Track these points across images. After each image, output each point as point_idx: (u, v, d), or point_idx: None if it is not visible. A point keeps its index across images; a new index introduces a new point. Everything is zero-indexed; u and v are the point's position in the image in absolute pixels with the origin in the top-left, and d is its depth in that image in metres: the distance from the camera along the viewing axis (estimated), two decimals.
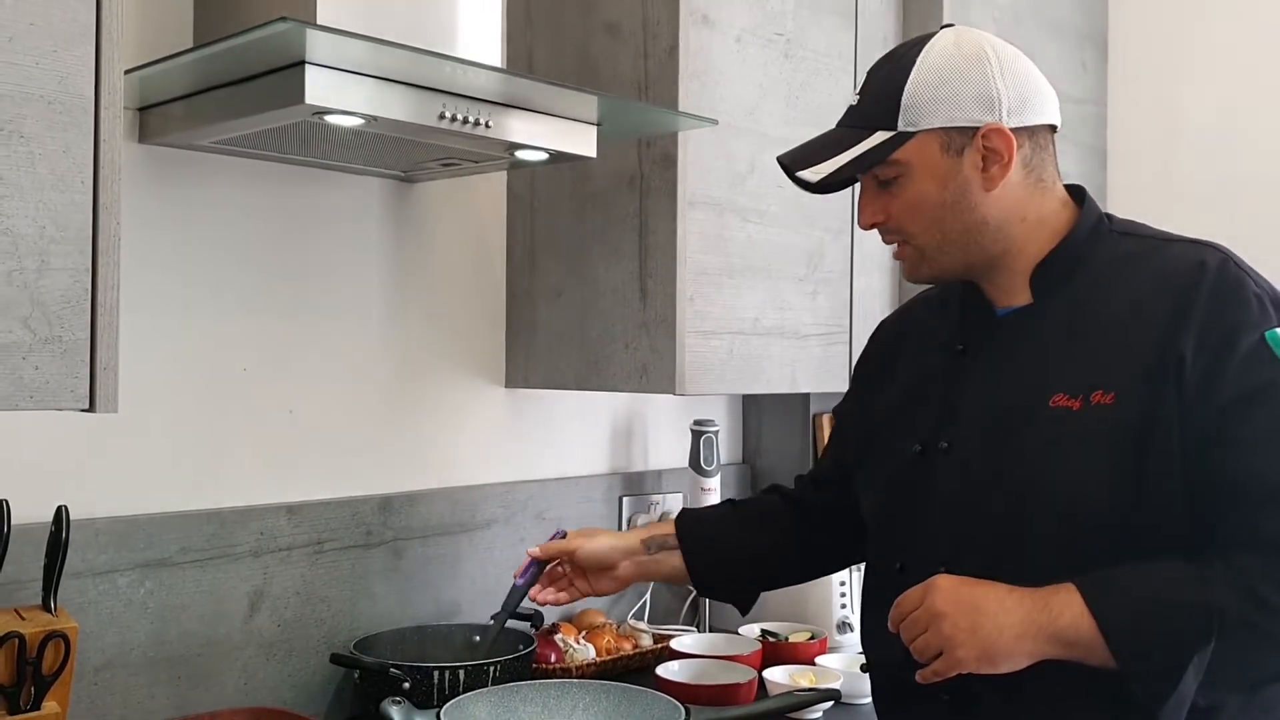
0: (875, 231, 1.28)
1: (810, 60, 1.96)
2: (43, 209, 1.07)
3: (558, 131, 1.54)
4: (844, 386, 2.07)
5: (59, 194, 1.08)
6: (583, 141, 1.57)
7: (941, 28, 1.24)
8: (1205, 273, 1.15)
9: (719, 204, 1.81)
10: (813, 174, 1.22)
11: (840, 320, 2.05)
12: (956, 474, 1.23)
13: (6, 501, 1.32)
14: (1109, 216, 1.28)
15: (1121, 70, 2.69)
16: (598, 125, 1.59)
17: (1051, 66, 2.63)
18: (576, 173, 1.86)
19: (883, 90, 1.20)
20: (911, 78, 1.19)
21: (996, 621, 1.10)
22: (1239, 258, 1.19)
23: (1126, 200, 2.62)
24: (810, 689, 1.70)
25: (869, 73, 1.25)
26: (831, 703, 1.69)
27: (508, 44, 1.93)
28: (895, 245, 1.27)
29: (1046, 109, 1.23)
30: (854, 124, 1.22)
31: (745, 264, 1.86)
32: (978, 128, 1.18)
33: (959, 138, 1.18)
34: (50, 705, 1.31)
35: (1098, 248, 1.23)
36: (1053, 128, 1.25)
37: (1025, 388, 1.20)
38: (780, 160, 1.26)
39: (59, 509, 1.35)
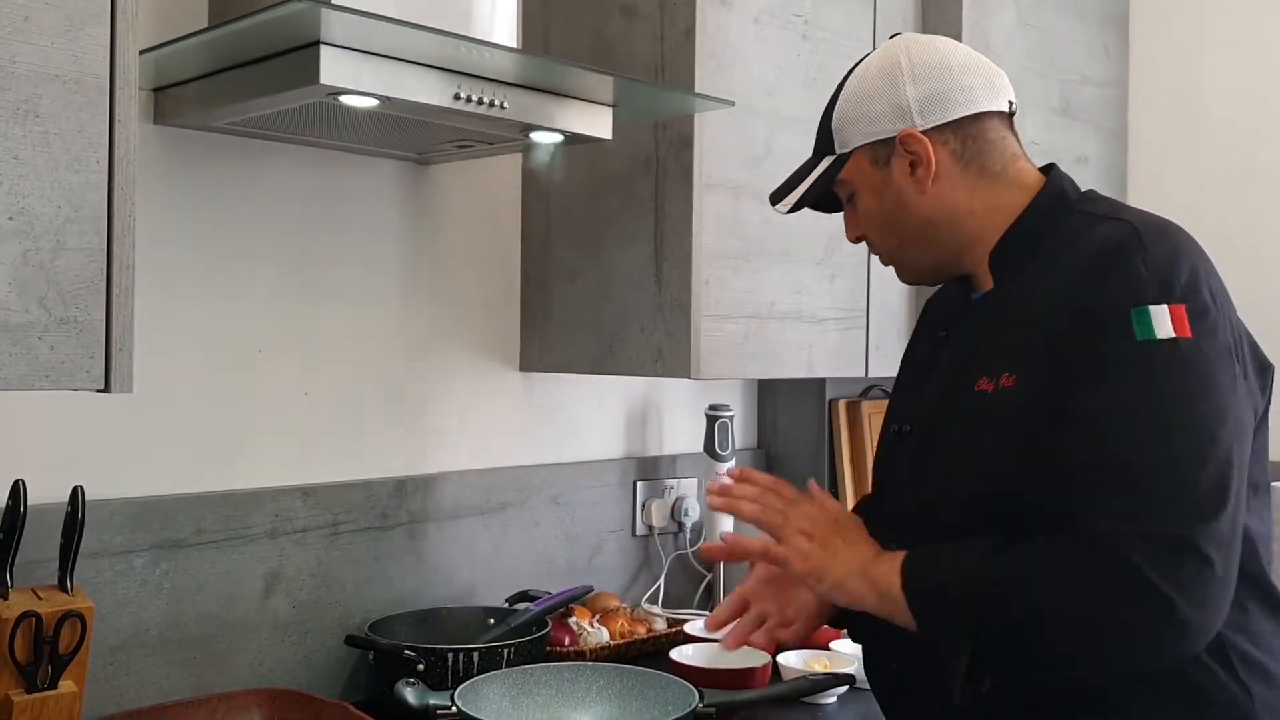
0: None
1: (829, 42, 1.94)
2: (58, 189, 1.07)
3: (573, 113, 1.53)
4: (861, 372, 2.07)
5: (74, 174, 1.08)
6: (598, 123, 1.56)
7: (890, 36, 1.28)
8: (1101, 248, 1.12)
9: (736, 186, 1.80)
10: (784, 205, 1.32)
11: (858, 305, 2.04)
12: (908, 457, 1.27)
13: (23, 482, 1.32)
14: (1087, 194, 1.25)
15: (1143, 53, 2.66)
16: (613, 107, 1.58)
17: (1073, 49, 2.60)
18: (592, 155, 1.85)
19: (824, 117, 1.29)
20: (839, 102, 1.26)
21: (841, 553, 1.17)
22: (1161, 232, 1.12)
23: (1146, 183, 2.60)
24: (824, 673, 1.69)
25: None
26: (846, 687, 1.68)
27: (523, 25, 1.91)
28: (877, 255, 1.33)
29: (975, 98, 1.21)
30: (815, 151, 1.31)
31: (762, 247, 1.85)
32: (894, 137, 1.21)
33: (883, 149, 1.22)
34: (67, 684, 1.32)
35: (1055, 227, 1.20)
36: (999, 114, 1.23)
37: (961, 372, 1.21)
38: (770, 197, 1.35)
39: (75, 489, 1.36)
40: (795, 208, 1.31)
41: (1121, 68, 2.65)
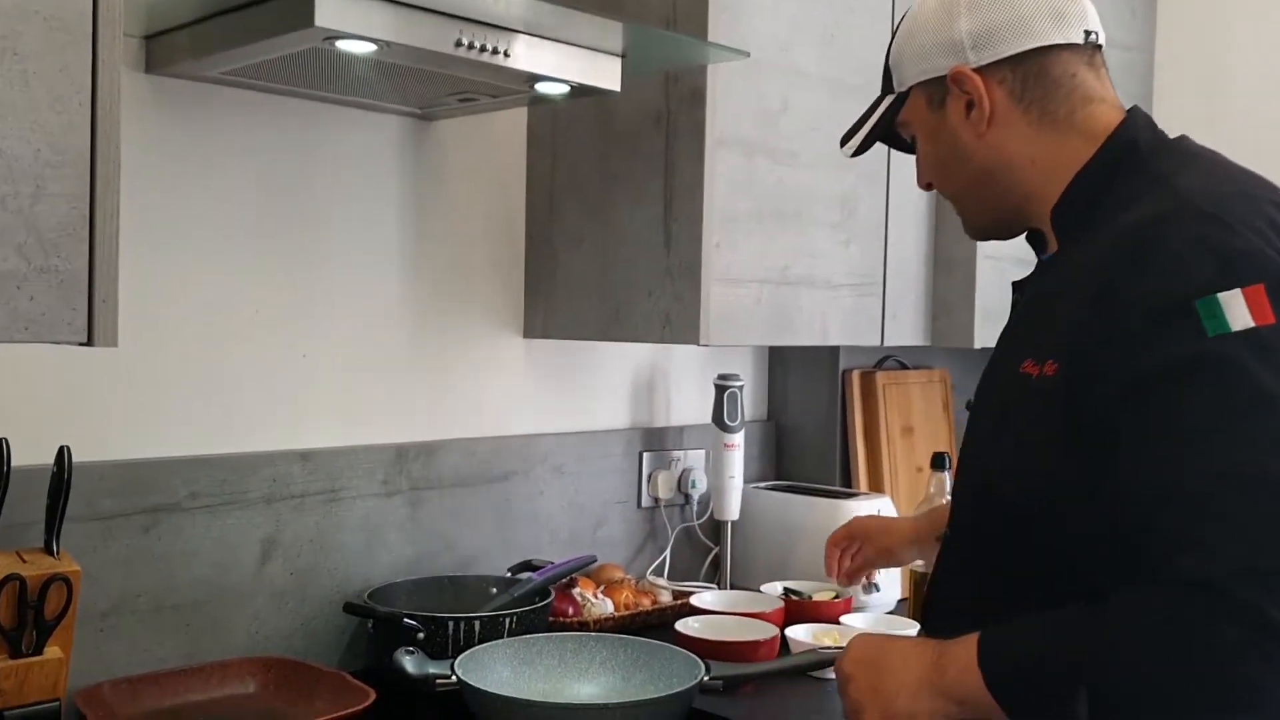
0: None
1: None
2: (38, 131, 1.02)
3: (580, 63, 1.46)
4: (876, 340, 2.01)
5: (55, 115, 1.03)
6: (606, 74, 1.50)
7: None
8: (1141, 225, 0.98)
9: (749, 145, 1.74)
10: (848, 148, 1.26)
11: (874, 271, 1.98)
12: (967, 433, 1.20)
13: (6, 440, 1.28)
14: (1166, 144, 1.10)
15: (1170, 17, 2.58)
16: (622, 57, 1.52)
17: (1099, 6, 2.51)
18: (599, 110, 1.79)
19: (886, 55, 1.21)
20: (896, 36, 1.19)
21: (896, 679, 1.04)
22: (1219, 198, 0.97)
23: None
24: (833, 648, 1.64)
25: None
26: None
27: None
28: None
29: (1035, 30, 1.08)
30: (881, 91, 1.23)
31: (775, 209, 1.79)
32: (946, 75, 1.12)
33: (937, 89, 1.14)
34: (53, 650, 1.27)
35: (1117, 187, 1.06)
36: (1071, 48, 1.09)
37: (1012, 346, 1.11)
38: (840, 141, 1.29)
39: (61, 449, 1.31)
40: (859, 150, 1.23)
41: (1149, 32, 2.57)
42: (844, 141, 1.27)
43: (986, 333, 2.10)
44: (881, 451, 2.34)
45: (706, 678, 1.44)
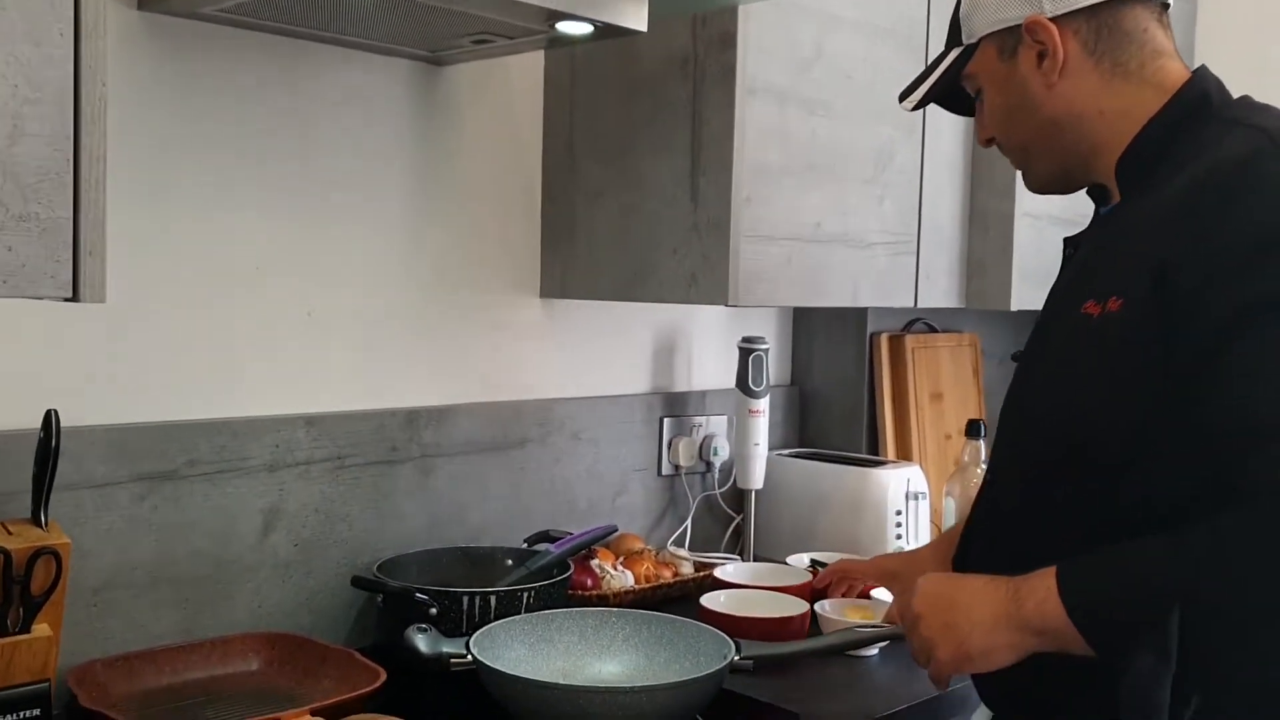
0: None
1: None
2: (13, 63, 0.93)
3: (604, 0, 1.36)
4: (909, 301, 1.92)
5: (33, 46, 0.94)
6: (632, 13, 1.38)
7: None
8: (1224, 163, 0.99)
9: (780, 93, 1.63)
10: (909, 102, 1.25)
11: (908, 229, 1.88)
12: (1014, 381, 1.21)
13: None
14: (1238, 99, 1.12)
15: (1210, 23, 2.47)
16: None
17: None
18: (622, 54, 1.68)
19: (956, 8, 1.21)
20: None
21: (969, 616, 1.05)
22: None
23: None
24: (869, 624, 1.55)
25: None
26: (888, 641, 1.55)
27: None
28: (1008, 158, 1.25)
29: None
30: (946, 44, 1.23)
31: (808, 162, 1.68)
32: (1020, 24, 1.13)
33: (1009, 39, 1.15)
34: (41, 628, 1.19)
35: (1189, 136, 1.08)
36: (1144, 3, 1.11)
37: (1071, 293, 1.12)
38: (899, 96, 1.28)
39: (49, 413, 1.22)
40: (921, 104, 1.24)
41: (1188, 38, 2.46)
42: (904, 96, 1.27)
43: (1024, 294, 2.01)
44: (910, 418, 2.24)
45: (737, 657, 1.36)
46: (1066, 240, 1.23)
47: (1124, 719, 0.96)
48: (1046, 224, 2.04)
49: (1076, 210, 2.05)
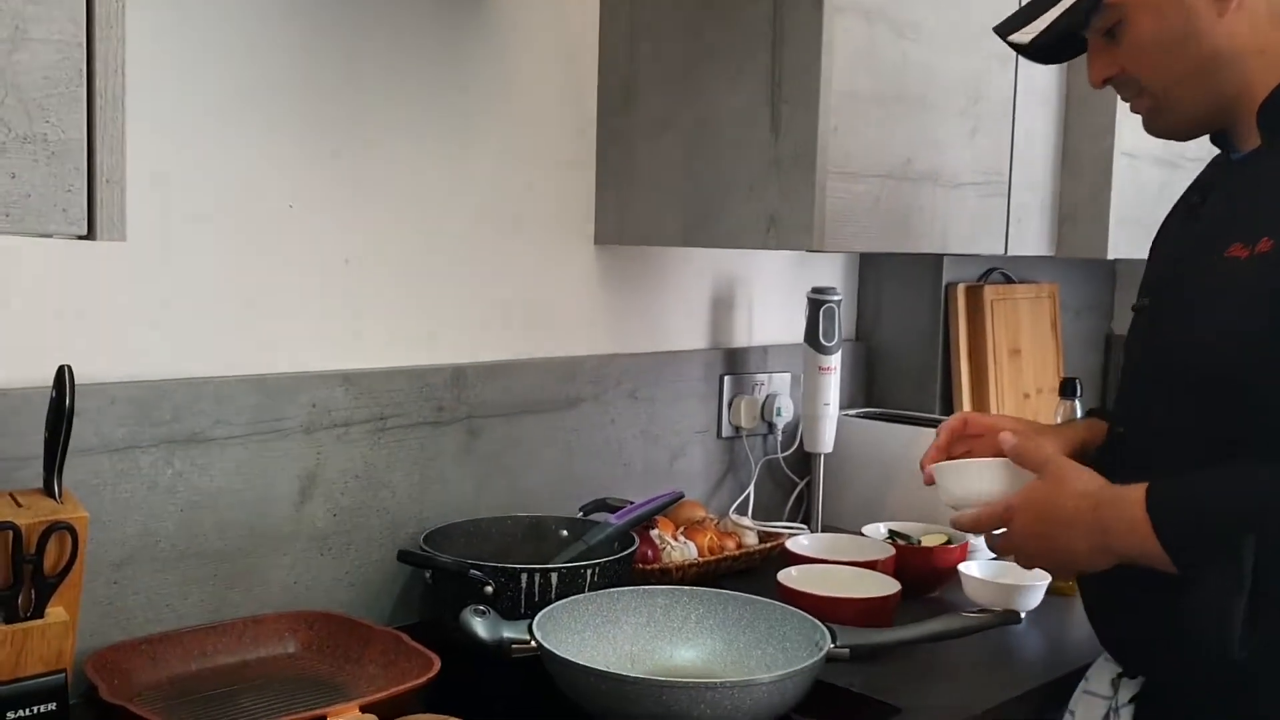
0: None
1: None
2: None
3: None
4: (1000, 248, 1.75)
5: None
6: None
7: None
8: None
9: (868, 12, 1.46)
10: (1023, 34, 1.16)
11: (1000, 166, 1.70)
12: (1144, 332, 1.17)
13: None
14: None
15: None
16: None
17: None
18: None
19: None
20: None
21: (1064, 544, 1.08)
22: None
23: None
24: (983, 610, 1.40)
25: None
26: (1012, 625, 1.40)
27: None
28: (1132, 100, 1.17)
29: None
30: None
31: (898, 91, 1.51)
32: None
33: None
34: (55, 611, 1.05)
35: None
36: None
37: (1211, 238, 1.09)
38: (995, 29, 1.19)
39: (61, 369, 1.07)
40: (1043, 41, 1.15)
41: None
42: (1011, 27, 1.18)
43: (1122, 241, 1.83)
44: (988, 375, 2.08)
45: (832, 645, 1.21)
46: (1190, 188, 1.21)
47: (1194, 639, 1.00)
48: (1146, 163, 1.86)
49: (1175, 150, 1.89)
